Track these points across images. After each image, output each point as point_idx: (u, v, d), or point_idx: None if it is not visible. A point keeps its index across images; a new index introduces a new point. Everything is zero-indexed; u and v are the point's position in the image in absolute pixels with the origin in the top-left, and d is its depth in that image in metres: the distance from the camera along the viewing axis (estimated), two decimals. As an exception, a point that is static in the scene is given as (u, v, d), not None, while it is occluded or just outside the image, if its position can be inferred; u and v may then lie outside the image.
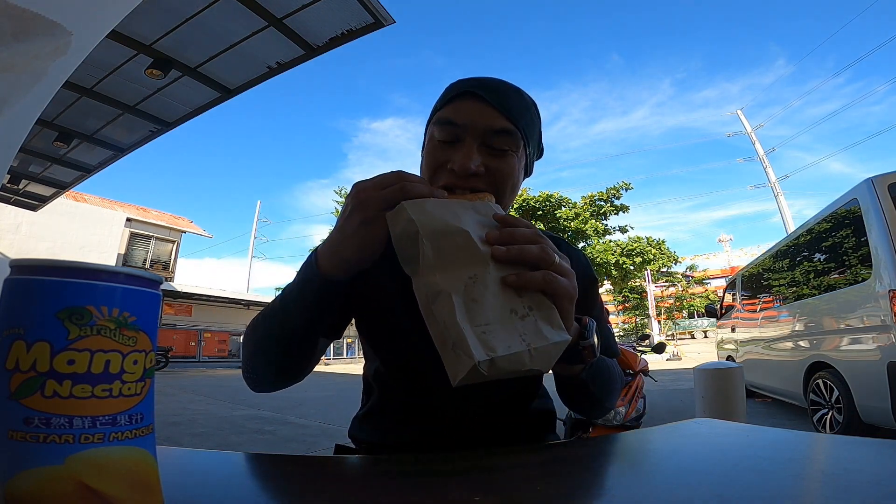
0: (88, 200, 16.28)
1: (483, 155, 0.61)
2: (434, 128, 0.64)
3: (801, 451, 0.50)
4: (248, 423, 5.03)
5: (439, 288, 0.43)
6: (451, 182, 0.61)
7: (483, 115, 0.61)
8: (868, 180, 3.25)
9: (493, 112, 0.61)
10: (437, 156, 0.63)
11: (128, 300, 0.29)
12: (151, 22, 3.30)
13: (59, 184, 6.11)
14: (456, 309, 0.42)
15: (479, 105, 0.61)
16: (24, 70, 1.03)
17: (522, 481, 0.41)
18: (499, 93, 0.62)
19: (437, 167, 0.63)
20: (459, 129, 0.61)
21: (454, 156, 0.60)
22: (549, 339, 0.44)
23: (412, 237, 0.45)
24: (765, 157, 25.50)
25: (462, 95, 0.63)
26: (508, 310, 0.44)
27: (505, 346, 0.42)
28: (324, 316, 0.57)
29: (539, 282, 0.46)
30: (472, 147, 0.60)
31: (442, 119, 0.63)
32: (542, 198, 16.73)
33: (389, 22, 3.35)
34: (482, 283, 0.44)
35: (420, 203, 0.47)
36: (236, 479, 0.45)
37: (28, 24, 0.99)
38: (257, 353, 0.62)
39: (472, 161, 0.59)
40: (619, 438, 0.59)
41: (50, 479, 0.26)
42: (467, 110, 0.61)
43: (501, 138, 0.61)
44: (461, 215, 0.47)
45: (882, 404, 2.88)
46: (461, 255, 0.45)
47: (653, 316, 22.85)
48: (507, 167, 0.62)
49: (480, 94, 0.61)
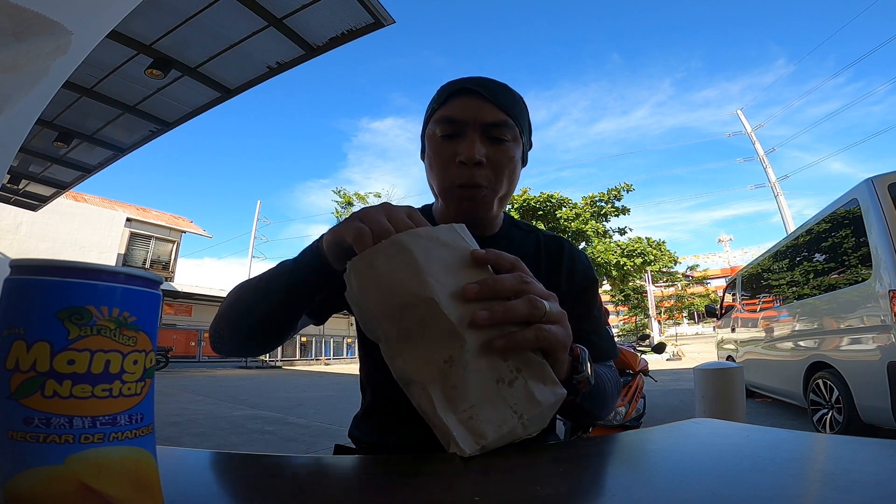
0: (88, 200, 16.28)
1: (485, 146, 0.65)
2: (435, 127, 0.67)
3: (801, 451, 0.50)
4: (248, 423, 5.03)
5: (410, 377, 0.39)
6: (462, 175, 0.65)
7: (481, 110, 0.65)
8: (868, 180, 3.25)
9: (490, 106, 0.65)
10: (443, 152, 0.67)
11: (128, 300, 0.29)
12: (151, 22, 3.30)
13: (59, 184, 6.11)
14: (435, 401, 0.38)
15: (476, 101, 0.65)
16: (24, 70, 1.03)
17: (522, 481, 0.41)
18: (492, 89, 0.66)
19: (445, 162, 0.66)
20: (460, 125, 0.65)
21: (459, 148, 0.65)
22: (542, 403, 0.40)
23: (368, 313, 0.40)
24: (765, 157, 25.50)
25: (459, 93, 0.67)
26: (494, 380, 0.40)
27: (495, 427, 0.38)
28: (308, 294, 0.58)
29: (531, 341, 0.42)
30: (475, 138, 0.64)
31: (443, 118, 0.66)
32: (542, 198, 16.74)
33: (389, 22, 3.35)
34: (460, 364, 0.39)
35: (370, 258, 0.40)
36: (236, 479, 0.45)
37: (28, 24, 0.99)
38: (231, 315, 0.63)
39: (476, 151, 0.64)
40: (619, 438, 0.59)
41: (50, 479, 0.26)
42: (466, 106, 0.65)
43: (499, 129, 0.66)
44: (425, 265, 0.40)
45: (882, 404, 2.88)
46: (430, 332, 0.39)
47: (653, 316, 22.87)
48: (506, 156, 0.67)
49: (476, 90, 0.66)
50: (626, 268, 17.27)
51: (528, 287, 0.45)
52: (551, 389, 0.42)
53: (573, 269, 0.77)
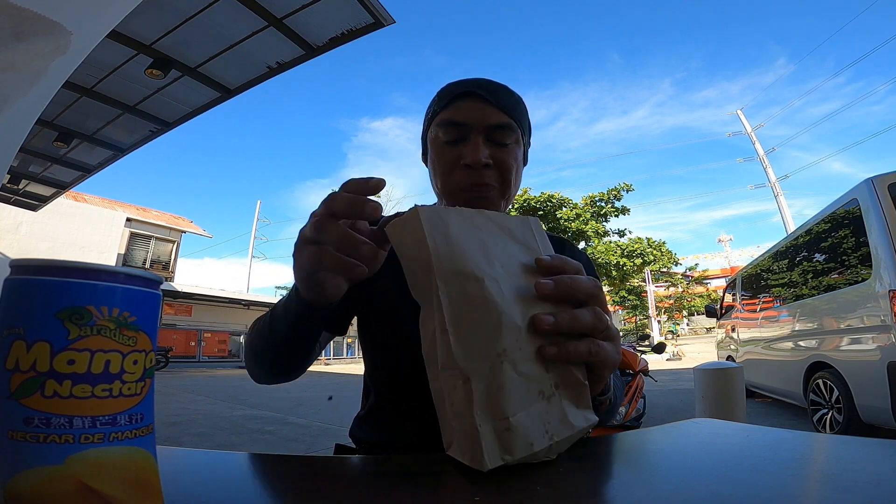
0: (88, 200, 16.28)
1: (489, 148, 0.65)
2: (438, 130, 0.67)
3: (801, 451, 0.50)
4: (248, 423, 5.03)
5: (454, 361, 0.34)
6: (469, 177, 0.65)
7: (485, 113, 0.65)
8: (868, 180, 3.25)
9: (493, 109, 0.65)
10: (446, 155, 0.67)
11: (128, 300, 0.29)
12: (151, 22, 3.30)
13: (59, 184, 6.12)
14: (474, 398, 0.33)
15: (479, 104, 0.66)
16: (24, 70, 1.03)
17: (522, 481, 0.41)
18: (494, 91, 0.67)
19: (450, 166, 0.67)
20: (464, 128, 0.65)
21: (463, 151, 0.65)
22: (575, 427, 0.37)
23: (424, 267, 0.36)
24: (765, 157, 25.51)
25: (462, 96, 0.67)
26: (536, 391, 0.36)
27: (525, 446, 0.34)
28: (311, 332, 0.57)
29: (584, 354, 0.39)
30: (479, 141, 0.65)
31: (446, 121, 0.66)
32: (542, 198, 16.74)
33: (389, 22, 3.35)
34: (510, 360, 0.34)
35: (440, 213, 0.36)
36: (236, 479, 0.45)
37: (28, 24, 0.99)
38: (252, 354, 0.65)
39: (482, 154, 0.64)
40: (619, 438, 0.59)
41: (50, 479, 0.26)
42: (469, 109, 0.66)
43: (502, 132, 0.66)
44: (492, 247, 0.37)
45: (882, 404, 2.88)
46: (487, 315, 0.34)
47: (653, 316, 22.85)
48: (510, 158, 0.67)
49: (479, 93, 0.66)
50: (626, 268, 17.28)
51: (599, 296, 0.41)
52: (583, 414, 0.38)
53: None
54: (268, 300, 22.02)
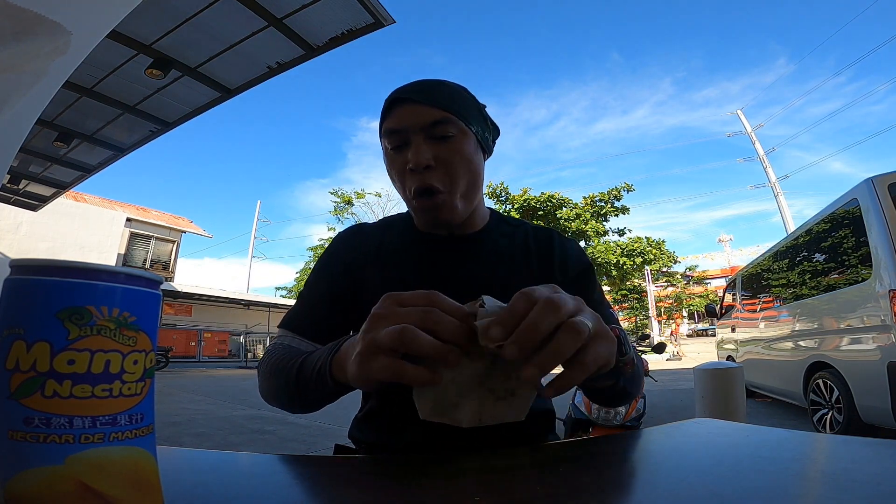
0: (88, 200, 16.29)
1: (432, 147, 0.67)
2: (384, 140, 0.70)
3: (801, 451, 0.50)
4: (248, 423, 5.03)
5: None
6: (416, 180, 0.67)
7: (419, 114, 0.67)
8: (868, 180, 3.25)
9: (425, 108, 0.67)
10: (396, 163, 0.70)
11: (128, 300, 0.29)
12: (151, 22, 3.30)
13: (59, 184, 6.11)
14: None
15: (411, 107, 0.67)
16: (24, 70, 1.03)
17: (522, 481, 0.41)
18: (424, 90, 0.68)
19: (401, 174, 0.69)
20: (403, 133, 0.67)
21: (408, 156, 0.67)
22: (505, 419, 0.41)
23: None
24: (765, 157, 25.52)
25: (393, 104, 0.69)
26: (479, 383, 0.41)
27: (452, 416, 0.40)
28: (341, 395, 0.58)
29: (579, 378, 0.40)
30: (420, 144, 0.66)
31: (387, 130, 0.69)
32: (543, 198, 16.76)
33: (389, 22, 3.35)
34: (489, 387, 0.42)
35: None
36: (236, 479, 0.45)
37: (28, 24, 0.99)
38: (274, 397, 0.66)
39: (422, 155, 0.65)
40: (619, 438, 0.59)
41: (50, 479, 0.26)
42: (403, 115, 0.68)
43: (441, 127, 0.67)
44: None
45: (882, 404, 2.88)
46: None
47: (653, 316, 22.85)
48: (454, 152, 0.68)
49: (408, 97, 0.68)
50: (626, 267, 17.28)
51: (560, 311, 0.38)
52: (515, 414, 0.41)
53: (565, 259, 0.78)
54: (268, 300, 22.04)
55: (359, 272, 0.74)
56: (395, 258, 0.75)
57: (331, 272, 0.76)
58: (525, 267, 0.76)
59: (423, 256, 0.74)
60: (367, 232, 0.80)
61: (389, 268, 0.74)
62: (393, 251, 0.75)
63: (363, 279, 0.74)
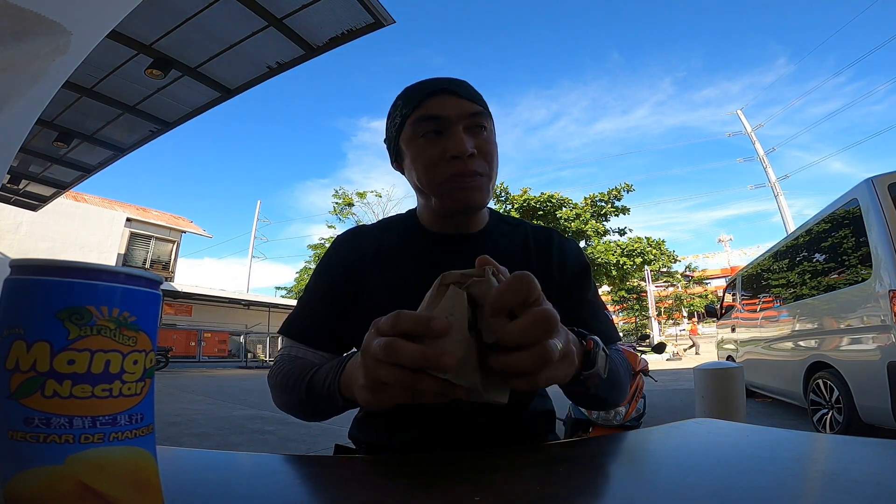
0: (88, 200, 16.28)
1: (471, 137, 0.68)
2: (416, 128, 0.69)
3: (801, 451, 0.50)
4: (248, 423, 5.03)
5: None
6: (455, 167, 0.66)
7: (461, 106, 0.68)
8: (868, 180, 3.25)
9: (464, 101, 0.69)
10: (429, 150, 0.69)
11: (128, 300, 0.29)
12: (151, 22, 3.29)
13: (59, 184, 6.11)
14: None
15: (452, 98, 0.69)
16: (24, 70, 1.03)
17: (522, 481, 0.41)
18: (460, 85, 0.71)
19: (436, 160, 0.68)
20: (442, 121, 0.68)
21: (446, 144, 0.67)
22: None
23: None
24: (765, 157, 25.52)
25: (436, 93, 0.69)
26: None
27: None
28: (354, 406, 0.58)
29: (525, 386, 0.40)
30: (460, 133, 0.67)
31: (425, 116, 0.69)
32: (543, 198, 16.76)
33: (389, 22, 3.35)
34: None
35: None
36: (236, 479, 0.45)
37: (28, 24, 0.99)
38: (285, 406, 0.68)
39: (467, 144, 0.66)
40: (619, 438, 0.59)
41: (50, 479, 0.26)
42: (445, 104, 0.68)
43: (478, 118, 0.69)
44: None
45: (882, 404, 2.88)
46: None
47: (653, 316, 22.83)
48: (489, 143, 0.70)
49: (449, 88, 0.70)
50: (626, 267, 17.28)
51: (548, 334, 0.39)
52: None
53: (563, 258, 0.78)
54: (268, 300, 22.02)
55: (358, 275, 0.74)
56: (396, 259, 0.74)
57: (330, 276, 0.76)
58: (525, 266, 0.76)
59: (424, 256, 0.74)
60: (365, 234, 0.80)
61: (389, 269, 0.73)
62: (393, 252, 0.75)
63: (363, 281, 0.73)
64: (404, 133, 0.71)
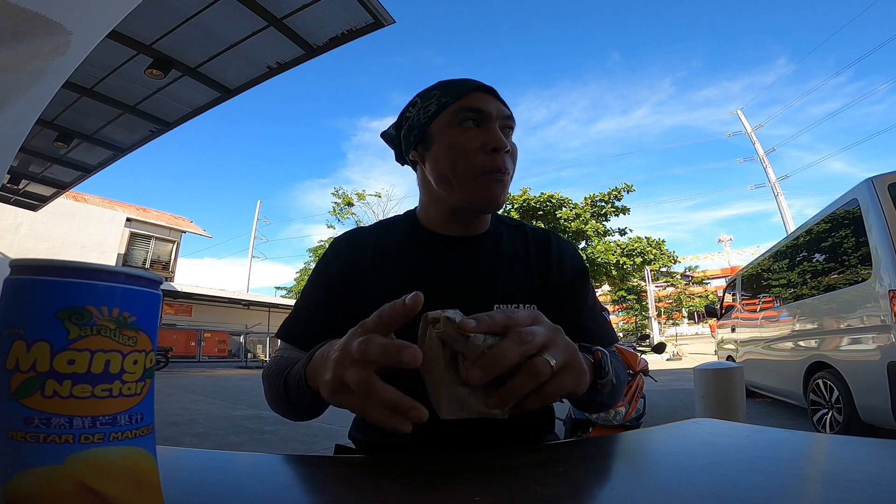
0: (88, 200, 16.28)
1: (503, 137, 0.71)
2: (457, 114, 0.71)
3: (801, 451, 0.50)
4: (248, 423, 5.03)
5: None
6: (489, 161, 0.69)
7: (498, 106, 0.72)
8: (868, 180, 3.25)
9: (501, 104, 0.73)
10: (466, 139, 0.70)
11: (128, 300, 0.29)
12: (151, 22, 3.29)
13: (59, 184, 6.11)
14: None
15: (491, 98, 0.73)
16: (24, 70, 1.03)
17: (522, 481, 0.41)
18: (495, 89, 0.75)
19: (471, 149, 0.69)
20: (486, 116, 0.71)
21: (484, 136, 0.70)
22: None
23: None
24: (765, 157, 25.50)
25: (479, 90, 0.73)
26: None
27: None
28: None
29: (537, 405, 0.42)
30: (498, 130, 0.71)
31: (469, 107, 0.71)
32: (542, 198, 16.75)
33: (389, 22, 3.35)
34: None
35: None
36: (236, 479, 0.45)
37: (28, 24, 0.99)
38: (274, 405, 0.68)
39: (507, 140, 0.70)
40: (619, 438, 0.59)
41: (50, 479, 0.26)
42: (489, 101, 0.72)
43: (509, 122, 0.73)
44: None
45: (882, 404, 2.88)
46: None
47: (653, 316, 22.83)
48: (515, 145, 0.74)
49: (491, 90, 0.74)
50: (626, 267, 17.28)
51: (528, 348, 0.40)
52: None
53: (562, 261, 0.79)
54: (268, 300, 22.02)
55: (355, 277, 0.74)
56: (396, 260, 0.74)
57: (327, 279, 0.75)
58: (525, 268, 0.76)
59: (426, 257, 0.74)
60: (363, 236, 0.79)
61: (388, 271, 0.73)
62: (393, 253, 0.75)
63: (360, 284, 0.73)
64: (440, 119, 0.72)
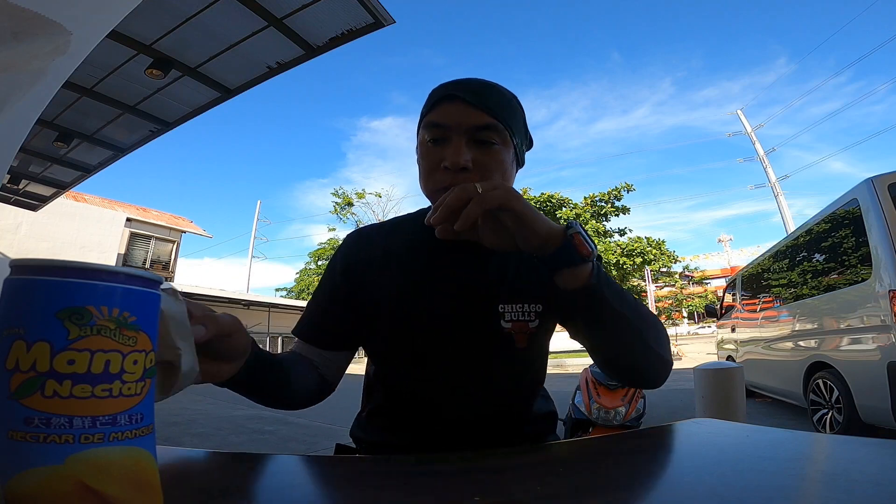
0: (88, 200, 16.28)
1: (472, 150, 0.65)
2: (424, 131, 0.68)
3: (801, 451, 0.50)
4: (248, 423, 5.03)
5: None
6: (446, 179, 0.65)
7: (467, 115, 0.65)
8: (868, 180, 3.25)
9: (475, 110, 0.65)
10: (430, 156, 0.67)
11: (128, 300, 0.29)
12: (151, 22, 3.29)
13: (59, 184, 6.11)
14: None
15: (461, 106, 0.65)
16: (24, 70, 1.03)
17: (522, 481, 0.41)
18: (477, 93, 0.66)
19: (433, 167, 0.67)
20: (445, 129, 0.66)
21: (445, 153, 0.65)
22: None
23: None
24: (765, 157, 25.50)
25: (444, 99, 0.67)
26: None
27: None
28: (253, 390, 0.60)
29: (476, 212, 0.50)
30: (461, 144, 0.65)
31: (430, 123, 0.67)
32: (542, 198, 16.76)
33: (389, 22, 3.35)
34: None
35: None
36: (236, 479, 0.45)
37: (28, 24, 0.98)
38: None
39: (461, 156, 0.64)
40: (619, 438, 0.59)
41: (50, 479, 0.26)
42: (451, 112, 0.66)
43: (486, 133, 0.65)
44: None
45: (882, 404, 2.88)
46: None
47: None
48: (493, 160, 0.66)
49: (461, 95, 0.66)
50: (626, 267, 17.29)
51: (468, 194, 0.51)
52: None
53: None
54: (268, 300, 22.02)
55: (362, 276, 0.74)
56: (402, 260, 0.74)
57: (333, 277, 0.76)
58: (532, 268, 0.76)
59: (430, 258, 0.74)
60: (372, 235, 0.79)
61: (396, 270, 0.73)
62: (400, 253, 0.75)
63: (367, 283, 0.73)
64: (418, 134, 0.71)
